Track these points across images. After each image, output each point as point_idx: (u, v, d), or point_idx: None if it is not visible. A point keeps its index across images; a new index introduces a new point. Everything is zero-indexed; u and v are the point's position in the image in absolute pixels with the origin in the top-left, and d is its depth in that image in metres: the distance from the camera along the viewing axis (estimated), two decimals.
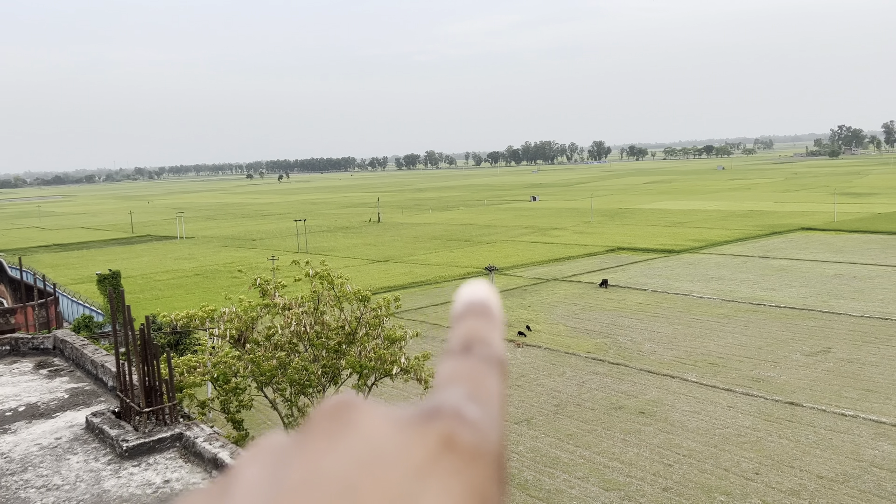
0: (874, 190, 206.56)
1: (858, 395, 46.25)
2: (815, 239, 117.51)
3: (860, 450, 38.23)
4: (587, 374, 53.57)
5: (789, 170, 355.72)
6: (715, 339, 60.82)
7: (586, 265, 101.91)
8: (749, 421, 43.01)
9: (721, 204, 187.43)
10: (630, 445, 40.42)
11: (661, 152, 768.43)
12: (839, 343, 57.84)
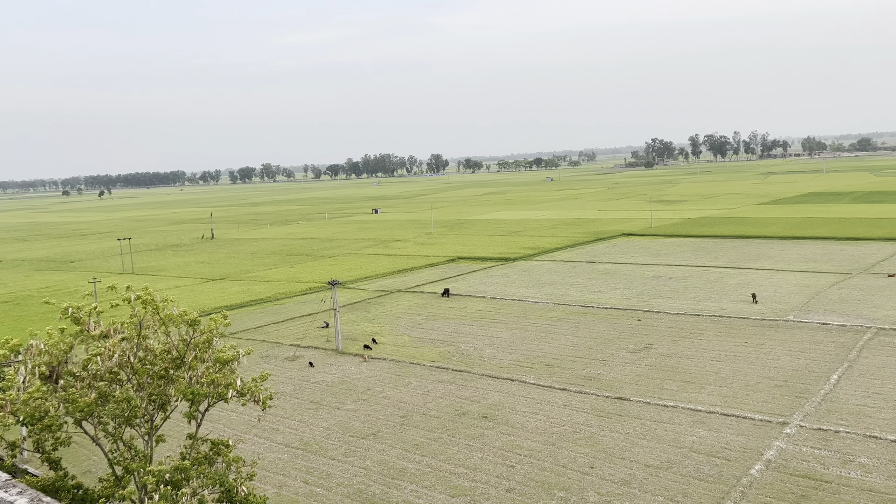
0: (684, 197, 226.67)
1: (678, 386, 50.15)
2: (635, 244, 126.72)
3: (681, 437, 41.39)
4: (432, 382, 54.11)
5: (611, 180, 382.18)
6: (549, 342, 63.65)
7: (429, 275, 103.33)
8: (583, 417, 45.30)
9: (551, 213, 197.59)
10: (474, 450, 41.19)
11: (495, 165, 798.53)
12: (659, 339, 62.53)
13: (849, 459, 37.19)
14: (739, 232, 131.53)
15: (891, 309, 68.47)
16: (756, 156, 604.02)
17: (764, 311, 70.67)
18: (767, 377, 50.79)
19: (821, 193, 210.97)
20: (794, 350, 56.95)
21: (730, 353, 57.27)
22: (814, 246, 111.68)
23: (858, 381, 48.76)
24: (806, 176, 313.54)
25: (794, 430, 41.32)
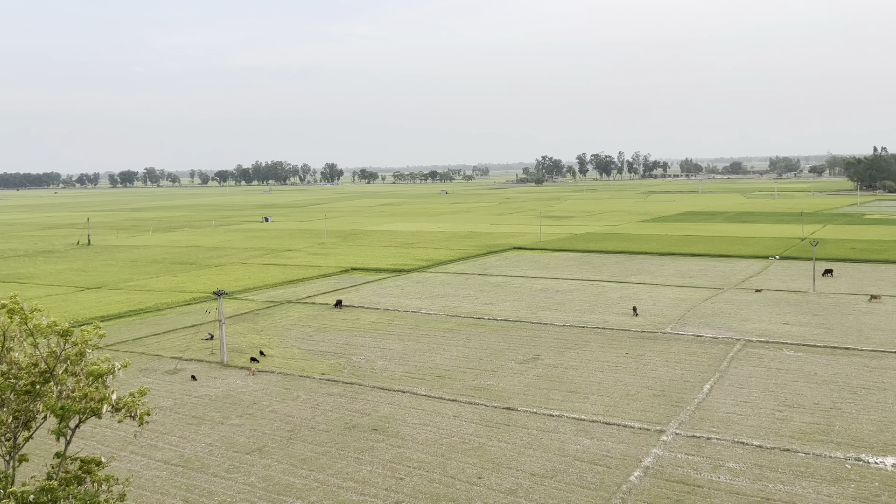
0: (571, 213, 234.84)
1: (563, 396, 51.65)
2: (525, 257, 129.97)
3: (565, 446, 42.61)
4: (322, 395, 53.20)
5: (503, 195, 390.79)
6: (441, 353, 64.08)
7: (321, 286, 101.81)
8: (472, 428, 45.80)
9: (445, 226, 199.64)
10: (364, 463, 40.78)
11: (391, 176, 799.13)
12: (547, 350, 64.25)
13: (719, 464, 39.43)
14: (622, 248, 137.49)
15: (758, 322, 73.38)
16: (638, 175, 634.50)
17: (644, 323, 74.04)
18: (646, 387, 53.17)
19: (696, 213, 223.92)
20: (670, 361, 59.93)
21: (612, 363, 59.59)
22: (690, 262, 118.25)
23: (728, 391, 51.87)
24: (683, 196, 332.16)
25: (671, 437, 43.41)
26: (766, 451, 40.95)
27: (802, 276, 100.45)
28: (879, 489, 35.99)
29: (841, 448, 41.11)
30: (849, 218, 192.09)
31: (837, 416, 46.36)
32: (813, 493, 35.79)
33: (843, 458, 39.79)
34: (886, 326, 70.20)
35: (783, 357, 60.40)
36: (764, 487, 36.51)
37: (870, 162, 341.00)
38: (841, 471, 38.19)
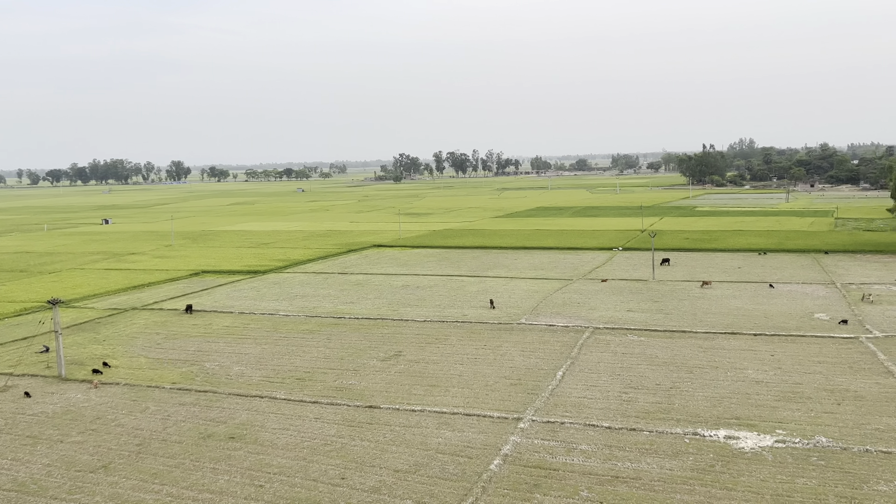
0: (430, 210, 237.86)
1: (425, 391, 52.18)
2: (385, 255, 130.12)
3: (428, 440, 43.07)
4: (173, 406, 50.53)
5: (361, 192, 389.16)
6: (301, 355, 62.79)
7: (169, 291, 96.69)
8: (335, 429, 45.23)
9: (303, 224, 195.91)
10: (221, 473, 39.16)
11: (243, 174, 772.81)
12: (408, 346, 64.65)
13: (572, 447, 41.36)
14: (479, 243, 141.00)
15: (604, 310, 77.68)
16: (492, 173, 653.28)
17: (500, 315, 76.32)
18: (504, 377, 54.83)
19: (547, 208, 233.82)
20: (526, 350, 62.16)
21: (472, 356, 60.93)
22: (542, 255, 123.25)
23: (579, 376, 54.54)
24: (535, 192, 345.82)
25: (527, 424, 45.01)
26: (615, 432, 43.44)
27: (643, 265, 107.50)
28: (714, 460, 39.18)
29: (680, 424, 44.36)
30: (682, 210, 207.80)
31: (676, 394, 49.99)
32: (657, 468, 38.38)
33: (682, 433, 42.95)
34: (717, 310, 76.57)
35: (628, 342, 64.33)
36: (613, 466, 38.70)
37: (699, 158, 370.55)
38: (681, 445, 41.21)
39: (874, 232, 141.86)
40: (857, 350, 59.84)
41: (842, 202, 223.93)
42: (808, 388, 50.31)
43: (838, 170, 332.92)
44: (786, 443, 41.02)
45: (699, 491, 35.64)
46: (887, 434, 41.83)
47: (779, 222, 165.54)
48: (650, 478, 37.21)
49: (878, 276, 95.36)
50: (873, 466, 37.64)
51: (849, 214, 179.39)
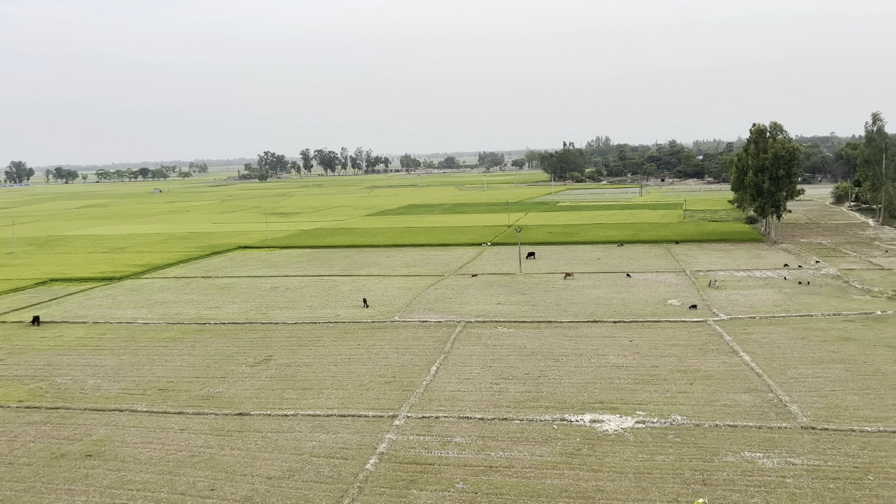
0: (298, 210, 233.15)
1: (297, 394, 51.08)
2: (252, 256, 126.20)
3: (301, 444, 42.19)
4: (20, 425, 46.57)
5: (224, 192, 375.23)
6: (163, 364, 59.71)
7: (12, 302, 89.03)
8: (202, 440, 43.33)
9: (161, 227, 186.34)
10: (77, 494, 36.51)
11: (94, 175, 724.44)
12: (279, 350, 63.03)
13: (447, 441, 41.89)
14: (350, 242, 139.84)
15: (475, 304, 79.25)
16: (362, 171, 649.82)
17: (374, 314, 76.06)
18: (379, 375, 54.68)
19: (417, 205, 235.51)
20: (400, 348, 62.30)
21: (345, 356, 60.31)
22: (413, 252, 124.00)
23: (452, 370, 55.32)
24: (405, 189, 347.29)
25: (403, 421, 45.12)
26: (488, 423, 44.43)
27: (510, 259, 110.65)
28: (581, 443, 40.95)
29: (549, 411, 46.02)
30: (546, 206, 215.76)
31: (545, 383, 51.81)
32: (528, 455, 39.60)
33: (551, 420, 44.57)
34: (580, 300, 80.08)
35: (498, 334, 65.98)
36: (487, 456, 39.56)
37: (560, 156, 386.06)
38: (550, 432, 42.75)
39: (718, 222, 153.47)
40: (706, 332, 64.50)
41: (689, 195, 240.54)
42: (664, 371, 53.65)
43: (685, 165, 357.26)
44: (645, 423, 43.53)
45: (568, 474, 37.12)
46: (733, 409, 45.35)
47: (634, 215, 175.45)
48: (522, 465, 38.34)
49: (722, 263, 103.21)
50: (722, 440, 40.69)
51: (695, 207, 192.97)
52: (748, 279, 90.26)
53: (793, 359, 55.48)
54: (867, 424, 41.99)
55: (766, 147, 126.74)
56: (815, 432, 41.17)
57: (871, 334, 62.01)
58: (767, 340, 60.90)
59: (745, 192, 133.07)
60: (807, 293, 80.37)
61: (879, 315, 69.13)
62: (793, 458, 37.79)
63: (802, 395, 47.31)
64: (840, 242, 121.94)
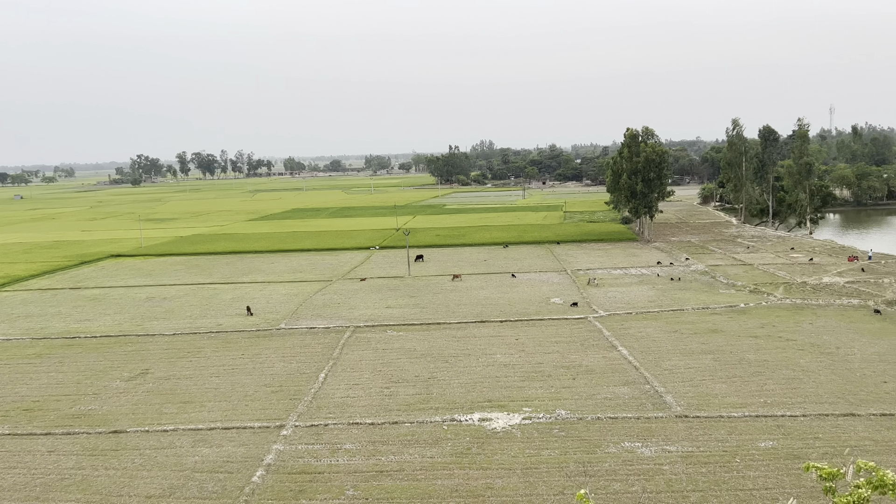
0: (175, 215, 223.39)
1: (177, 408, 48.82)
2: (125, 265, 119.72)
3: (183, 460, 40.33)
4: None
5: (94, 198, 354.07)
6: (27, 383, 55.52)
7: None
8: (73, 461, 40.59)
9: (23, 236, 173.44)
10: None
11: None
12: (156, 363, 60.05)
13: (337, 448, 41.27)
14: (232, 248, 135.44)
15: (364, 308, 78.69)
16: (243, 174, 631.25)
17: (259, 322, 73.98)
18: (265, 385, 53.17)
19: (303, 209, 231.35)
20: (287, 356, 60.88)
21: (228, 366, 58.27)
22: (300, 258, 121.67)
23: (342, 376, 54.62)
24: (289, 193, 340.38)
25: (290, 430, 44.08)
26: (378, 427, 44.15)
27: (399, 262, 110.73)
28: (470, 442, 41.44)
29: (439, 412, 46.30)
30: (433, 209, 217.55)
31: (434, 384, 52.12)
32: (419, 457, 39.66)
33: (441, 421, 44.86)
34: (467, 301, 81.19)
35: (387, 338, 65.79)
36: (378, 461, 39.29)
37: (446, 159, 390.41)
38: (440, 433, 43.02)
39: (596, 223, 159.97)
40: (587, 329, 66.99)
41: (569, 197, 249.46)
42: (549, 367, 55.25)
43: (565, 168, 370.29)
44: (532, 419, 44.63)
45: (458, 474, 37.46)
46: (613, 402, 47.31)
47: (518, 217, 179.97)
48: (413, 468, 38.35)
49: (600, 262, 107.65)
50: (604, 431, 42.33)
51: (575, 208, 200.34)
52: (624, 277, 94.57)
53: (666, 351, 58.56)
54: (734, 410, 44.91)
55: (638, 151, 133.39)
56: (688, 420, 43.60)
57: (735, 325, 66.44)
58: (643, 334, 64.00)
59: (620, 194, 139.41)
60: (678, 289, 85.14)
61: (743, 307, 74.19)
62: (668, 446, 39.84)
63: (676, 385, 50.01)
64: (707, 240, 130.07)
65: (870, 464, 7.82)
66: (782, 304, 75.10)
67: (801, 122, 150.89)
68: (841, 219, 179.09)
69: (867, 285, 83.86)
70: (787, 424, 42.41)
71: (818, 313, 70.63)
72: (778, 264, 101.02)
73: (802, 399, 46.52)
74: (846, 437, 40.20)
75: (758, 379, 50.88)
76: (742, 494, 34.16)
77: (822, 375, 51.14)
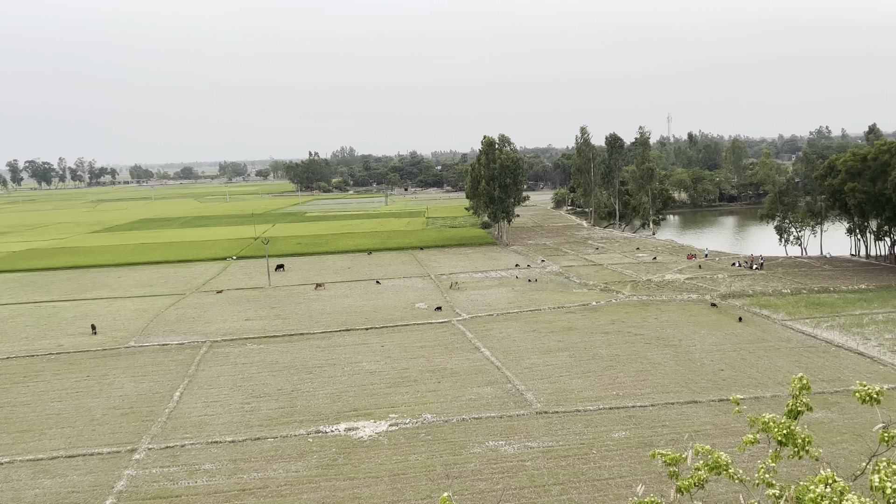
0: (7, 229, 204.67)
1: (13, 438, 44.69)
2: None
3: (21, 494, 36.93)
4: None
5: None
6: None
7: None
8: None
9: None
10: None
11: None
12: None
13: (195, 469, 39.33)
14: (73, 262, 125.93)
15: (222, 322, 75.64)
16: (85, 183, 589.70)
17: (105, 340, 69.23)
18: (113, 407, 49.81)
19: (152, 220, 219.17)
20: (137, 375, 57.36)
21: (72, 390, 54.07)
22: (150, 270, 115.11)
23: (199, 394, 52.16)
24: (136, 203, 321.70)
25: (143, 454, 41.53)
26: (239, 445, 42.53)
27: (259, 273, 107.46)
28: (336, 453, 40.84)
29: (303, 425, 45.30)
30: (294, 216, 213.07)
31: (298, 396, 50.95)
32: (283, 472, 38.58)
33: (305, 433, 43.90)
34: (331, 309, 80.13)
35: (248, 351, 63.62)
36: (240, 480, 37.84)
37: (306, 166, 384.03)
38: (305, 446, 42.08)
39: (457, 228, 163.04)
40: (451, 332, 68.05)
41: (431, 203, 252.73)
42: (414, 372, 55.57)
43: (426, 175, 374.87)
44: (398, 425, 44.68)
45: (324, 486, 36.80)
46: (478, 402, 48.31)
47: (381, 224, 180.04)
48: (277, 483, 37.26)
49: (462, 266, 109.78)
50: (469, 432, 43.11)
51: (437, 214, 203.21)
52: (485, 280, 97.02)
53: (526, 350, 60.60)
54: (589, 404, 47.17)
55: (495, 158, 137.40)
56: (548, 416, 45.30)
57: (588, 323, 69.88)
58: (504, 335, 65.88)
59: (480, 200, 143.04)
60: (535, 290, 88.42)
61: (595, 305, 78.19)
62: (530, 443, 41.20)
63: (536, 382, 51.84)
64: (561, 243, 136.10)
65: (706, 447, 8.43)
66: (630, 301, 79.87)
67: (643, 129, 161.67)
68: (680, 220, 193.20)
69: (704, 281, 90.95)
70: (637, 415, 45.08)
71: (662, 308, 75.72)
72: (625, 263, 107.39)
73: (651, 390, 49.64)
74: (689, 423, 43.30)
75: (610, 373, 53.76)
76: (599, 484, 35.91)
77: (667, 367, 54.83)
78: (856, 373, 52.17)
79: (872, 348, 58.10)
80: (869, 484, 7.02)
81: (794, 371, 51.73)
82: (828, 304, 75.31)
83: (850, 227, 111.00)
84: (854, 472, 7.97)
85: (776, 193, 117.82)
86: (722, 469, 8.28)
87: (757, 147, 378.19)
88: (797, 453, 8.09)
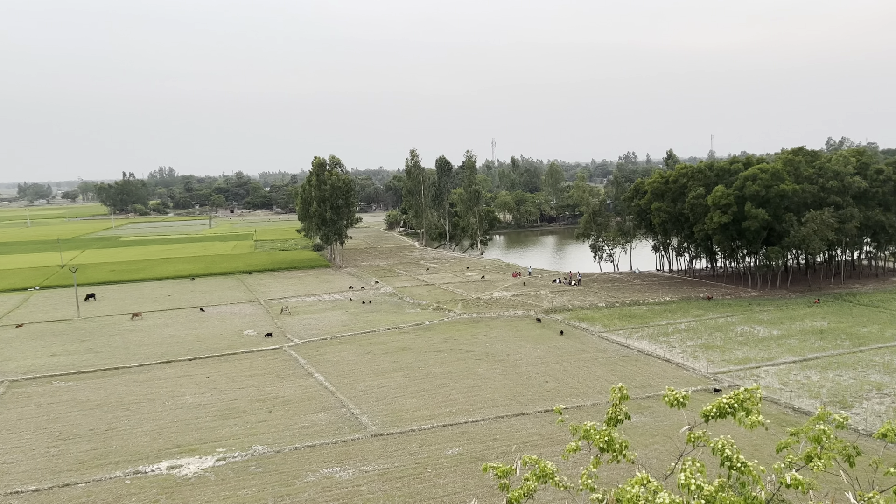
0: None
1: None
2: None
3: None
4: None
5: None
6: None
7: None
8: None
9: None
10: None
11: None
12: None
13: None
14: None
15: (22, 359, 68.32)
16: None
17: None
18: None
19: None
20: None
21: None
22: None
23: None
24: None
25: None
26: (45, 493, 38.42)
27: (66, 303, 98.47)
28: (158, 494, 38.00)
29: (120, 466, 41.80)
30: (106, 241, 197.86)
31: (114, 436, 46.99)
32: None
33: (122, 475, 40.51)
34: (150, 340, 74.97)
35: (53, 390, 57.88)
36: None
37: (120, 187, 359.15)
38: (122, 489, 38.79)
39: (288, 251, 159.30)
40: (283, 358, 66.03)
41: (259, 226, 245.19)
42: (243, 402, 53.21)
43: (254, 196, 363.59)
44: (226, 459, 42.46)
45: None
46: (311, 429, 47.11)
47: (205, 247, 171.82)
48: None
49: (294, 290, 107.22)
50: (302, 461, 41.87)
51: (266, 237, 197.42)
52: (318, 303, 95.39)
53: (361, 373, 60.13)
54: (424, 423, 47.55)
55: (325, 179, 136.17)
56: (383, 438, 45.10)
57: (422, 342, 70.72)
58: (339, 359, 64.98)
59: (311, 221, 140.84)
60: (370, 311, 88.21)
61: (428, 325, 79.33)
62: (365, 466, 40.74)
63: (371, 405, 51.49)
64: (394, 264, 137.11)
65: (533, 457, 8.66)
66: (461, 319, 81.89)
67: (470, 154, 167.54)
68: (505, 240, 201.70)
69: (529, 297, 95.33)
70: (470, 430, 46.08)
71: (491, 325, 78.33)
72: (456, 283, 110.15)
73: (482, 405, 50.99)
74: (518, 435, 44.91)
75: (444, 390, 54.62)
76: (434, 502, 36.16)
77: (497, 381, 56.64)
78: (664, 378, 56.79)
79: (677, 355, 63.69)
80: (677, 482, 7.52)
81: (611, 380, 55.45)
82: (638, 316, 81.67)
83: (656, 244, 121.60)
84: (665, 471, 8.53)
85: (590, 214, 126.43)
86: (548, 477, 8.54)
87: (573, 171, 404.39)
88: (616, 458, 8.54)
